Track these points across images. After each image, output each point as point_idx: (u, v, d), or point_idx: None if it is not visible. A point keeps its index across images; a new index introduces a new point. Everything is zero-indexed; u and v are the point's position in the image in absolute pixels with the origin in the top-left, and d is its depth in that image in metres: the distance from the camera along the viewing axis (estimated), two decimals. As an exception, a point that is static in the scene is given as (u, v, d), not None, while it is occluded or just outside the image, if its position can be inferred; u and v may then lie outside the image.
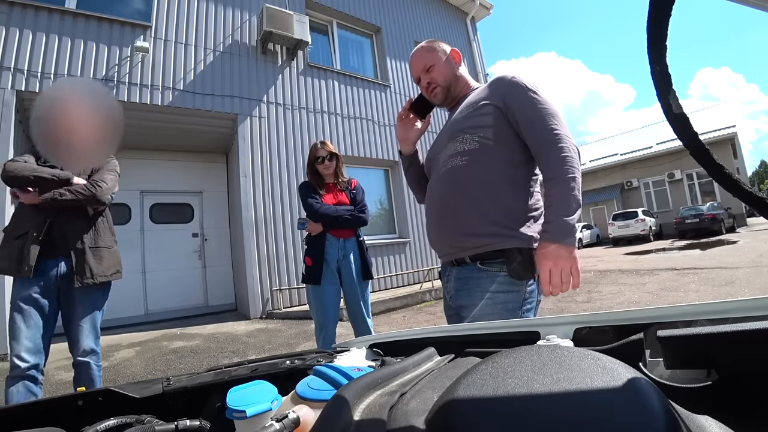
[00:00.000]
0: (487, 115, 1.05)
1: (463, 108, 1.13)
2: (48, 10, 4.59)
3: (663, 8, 0.28)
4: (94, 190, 1.83)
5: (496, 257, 1.00)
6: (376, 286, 6.43)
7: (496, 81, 1.11)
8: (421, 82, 1.22)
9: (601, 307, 4.06)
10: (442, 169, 1.11)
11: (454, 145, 1.09)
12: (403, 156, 1.37)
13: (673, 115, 0.30)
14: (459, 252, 1.06)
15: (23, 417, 0.47)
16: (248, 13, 6.18)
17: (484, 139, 1.04)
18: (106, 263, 1.87)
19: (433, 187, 1.17)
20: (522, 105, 1.02)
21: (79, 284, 1.76)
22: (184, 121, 5.64)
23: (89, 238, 1.85)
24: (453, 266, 1.10)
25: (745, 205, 0.32)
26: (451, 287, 1.11)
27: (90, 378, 1.79)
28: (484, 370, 0.24)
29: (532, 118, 1.01)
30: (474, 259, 1.03)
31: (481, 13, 10.08)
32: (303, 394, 0.39)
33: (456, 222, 1.05)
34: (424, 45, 1.23)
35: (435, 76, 1.19)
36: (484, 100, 1.07)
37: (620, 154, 19.28)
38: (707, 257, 7.11)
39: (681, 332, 0.31)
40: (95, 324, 1.85)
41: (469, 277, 1.04)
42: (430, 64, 1.19)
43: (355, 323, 2.27)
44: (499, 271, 0.99)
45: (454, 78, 1.20)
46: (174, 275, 6.36)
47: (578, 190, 0.95)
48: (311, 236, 2.23)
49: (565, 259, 0.92)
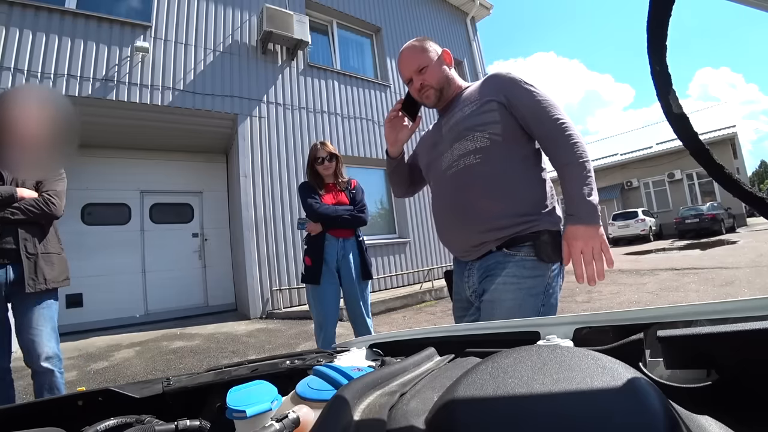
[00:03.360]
0: (492, 112, 1.06)
1: (464, 107, 1.12)
2: (48, 10, 4.58)
3: (663, 8, 0.28)
4: (48, 208, 1.78)
5: (523, 241, 1.00)
6: (376, 286, 6.43)
7: (492, 78, 1.12)
8: (413, 84, 1.19)
9: (601, 307, 4.05)
10: (453, 169, 1.10)
11: (463, 144, 1.08)
12: (391, 158, 1.36)
13: (673, 115, 0.30)
14: (485, 246, 1.05)
15: (23, 417, 0.47)
16: (248, 13, 6.18)
17: (494, 135, 1.05)
18: (57, 269, 1.83)
19: (443, 189, 1.16)
20: (524, 99, 1.04)
21: (31, 289, 1.69)
22: (184, 121, 5.64)
23: (41, 245, 1.80)
24: (475, 261, 1.09)
25: (745, 205, 0.33)
26: (474, 281, 1.09)
27: (55, 386, 1.71)
28: (484, 370, 0.24)
29: (536, 111, 1.03)
30: (499, 247, 1.03)
31: (481, 13, 10.08)
32: (303, 394, 0.39)
33: (479, 218, 1.05)
34: (415, 45, 1.19)
35: (428, 78, 1.16)
36: (486, 98, 1.08)
37: (620, 154, 19.27)
38: (707, 257, 7.11)
39: (681, 332, 0.31)
40: (54, 328, 1.79)
41: (494, 263, 1.04)
42: (423, 66, 1.16)
43: (354, 323, 2.27)
44: (525, 255, 1.00)
45: (446, 80, 1.19)
46: (174, 275, 6.36)
47: (592, 172, 0.97)
48: (311, 236, 2.23)
49: (595, 238, 0.93)
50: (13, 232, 1.72)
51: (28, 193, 1.78)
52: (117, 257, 5.84)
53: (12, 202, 1.71)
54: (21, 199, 1.74)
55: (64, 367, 1.89)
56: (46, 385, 1.70)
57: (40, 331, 1.72)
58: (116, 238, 5.93)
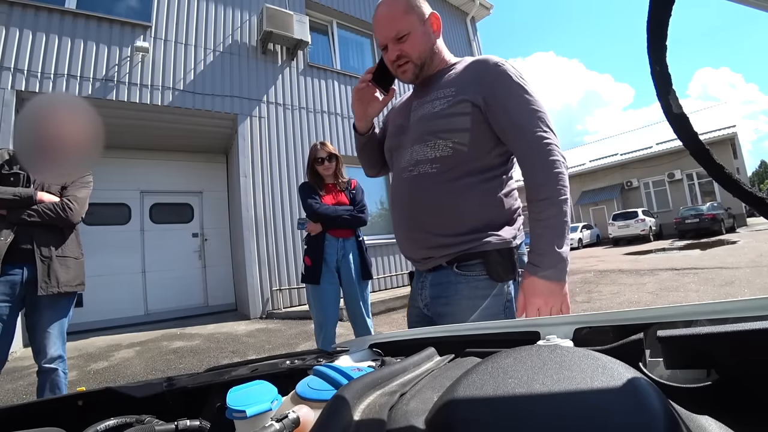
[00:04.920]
0: (464, 116, 0.91)
1: (436, 99, 0.95)
2: (48, 10, 4.59)
3: (663, 8, 0.28)
4: (65, 214, 1.79)
5: (474, 258, 0.91)
6: (376, 286, 6.43)
7: (479, 65, 0.95)
8: (389, 53, 0.97)
9: (601, 307, 4.05)
10: (407, 174, 0.98)
11: (423, 149, 0.95)
12: (359, 134, 1.17)
13: (673, 115, 0.30)
14: (432, 261, 0.97)
15: (23, 417, 0.47)
16: (248, 13, 6.19)
17: (459, 144, 0.91)
18: (72, 273, 1.83)
19: (398, 192, 1.04)
20: (505, 103, 0.89)
21: (43, 292, 1.71)
22: (184, 121, 5.64)
23: (58, 248, 1.81)
24: (429, 272, 1.00)
25: (745, 205, 0.33)
26: (427, 294, 0.99)
27: (56, 385, 1.74)
28: (484, 370, 0.24)
29: (519, 123, 0.88)
30: (450, 263, 0.94)
31: (481, 13, 10.08)
32: (303, 394, 0.39)
33: (428, 230, 0.95)
34: (398, 0, 0.94)
35: (407, 49, 0.95)
36: (461, 95, 0.91)
37: (620, 154, 19.28)
38: (707, 257, 7.11)
39: (681, 332, 0.31)
40: (63, 331, 1.82)
41: (446, 283, 0.94)
42: (404, 32, 0.94)
43: (354, 323, 2.27)
44: (477, 274, 0.91)
45: (430, 53, 0.98)
46: (174, 275, 6.36)
47: (569, 215, 0.85)
48: (311, 236, 2.24)
49: (557, 296, 0.83)
50: (30, 234, 1.74)
51: (47, 196, 1.79)
52: (117, 257, 5.84)
53: (31, 204, 1.73)
54: (40, 202, 1.75)
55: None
56: (49, 383, 1.73)
57: (49, 334, 1.76)
58: (116, 238, 5.94)
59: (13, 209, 1.70)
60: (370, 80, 1.05)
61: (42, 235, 1.77)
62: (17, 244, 1.71)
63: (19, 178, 1.77)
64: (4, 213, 1.69)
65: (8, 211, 1.70)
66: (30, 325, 1.78)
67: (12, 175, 1.75)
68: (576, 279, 6.39)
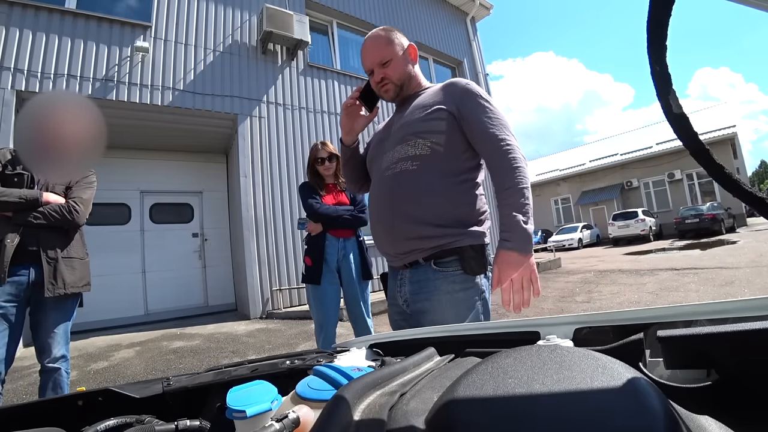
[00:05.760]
0: (440, 120, 1.05)
1: (415, 110, 1.11)
2: (48, 10, 4.58)
3: (663, 8, 0.28)
4: (71, 216, 1.79)
5: (450, 255, 1.01)
6: (377, 286, 6.43)
7: (450, 85, 1.11)
8: (374, 76, 1.15)
9: (601, 307, 4.06)
10: (390, 171, 1.09)
11: (404, 148, 1.07)
12: (345, 147, 1.30)
13: (673, 115, 0.30)
14: (411, 255, 1.05)
15: (23, 417, 0.47)
16: (248, 13, 6.18)
17: (436, 144, 1.04)
18: (78, 274, 1.83)
19: (378, 191, 1.14)
20: (475, 114, 1.04)
21: (50, 294, 1.71)
22: (184, 121, 5.64)
23: (63, 249, 1.81)
24: (406, 269, 1.10)
25: (745, 205, 0.32)
26: (406, 291, 1.09)
27: (59, 384, 1.75)
28: (484, 370, 0.24)
29: (484, 128, 1.02)
30: (427, 259, 1.03)
31: (481, 13, 10.08)
32: (303, 394, 0.39)
33: (406, 227, 1.04)
34: (381, 35, 1.14)
35: (389, 73, 1.13)
36: (438, 105, 1.06)
37: (620, 154, 19.28)
38: (707, 257, 7.11)
39: (681, 332, 0.31)
40: (67, 332, 1.82)
41: (425, 280, 1.04)
42: (387, 59, 1.12)
43: (355, 323, 2.27)
44: (454, 270, 1.01)
45: (408, 76, 1.16)
46: (174, 275, 6.36)
47: (530, 200, 0.97)
48: (311, 236, 2.23)
49: (527, 267, 0.93)
50: (36, 235, 1.73)
51: (53, 198, 1.79)
52: (117, 257, 5.84)
53: (37, 206, 1.72)
54: (46, 203, 1.75)
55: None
56: (51, 382, 1.74)
57: (54, 334, 1.76)
58: (116, 238, 5.93)
59: (19, 211, 1.70)
60: (358, 98, 1.20)
61: (47, 236, 1.76)
62: (23, 245, 1.70)
63: (23, 179, 1.76)
64: (10, 215, 1.69)
65: (14, 213, 1.69)
66: (34, 324, 1.78)
67: (16, 176, 1.74)
68: (576, 279, 6.39)
